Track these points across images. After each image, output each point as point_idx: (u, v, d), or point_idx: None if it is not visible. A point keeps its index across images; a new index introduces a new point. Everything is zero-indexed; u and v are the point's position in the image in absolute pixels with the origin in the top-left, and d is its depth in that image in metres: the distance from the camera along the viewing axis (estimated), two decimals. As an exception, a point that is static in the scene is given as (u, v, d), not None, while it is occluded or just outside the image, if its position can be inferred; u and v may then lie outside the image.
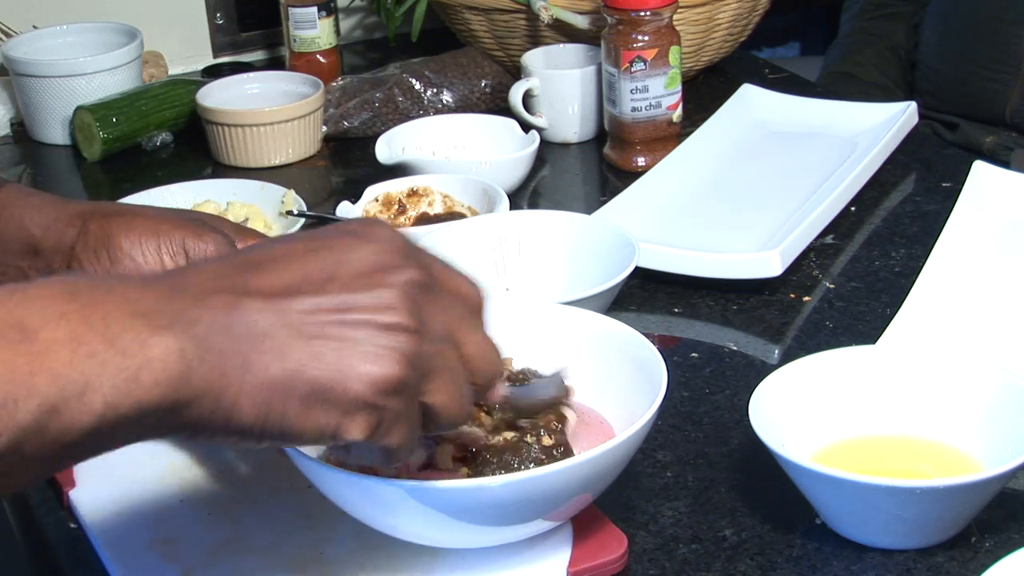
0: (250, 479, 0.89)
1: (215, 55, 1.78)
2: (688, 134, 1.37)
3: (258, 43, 1.80)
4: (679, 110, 1.38)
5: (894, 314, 1.05)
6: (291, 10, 1.61)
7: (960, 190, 1.16)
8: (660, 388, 0.80)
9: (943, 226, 1.13)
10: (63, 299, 0.57)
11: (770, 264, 1.11)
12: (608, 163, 1.41)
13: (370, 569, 0.81)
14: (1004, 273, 1.08)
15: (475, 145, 1.40)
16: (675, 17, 1.35)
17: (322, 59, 1.62)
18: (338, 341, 0.62)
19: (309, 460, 0.75)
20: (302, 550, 0.83)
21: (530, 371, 0.85)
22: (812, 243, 1.18)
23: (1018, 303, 1.04)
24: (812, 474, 0.81)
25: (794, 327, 1.09)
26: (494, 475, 0.76)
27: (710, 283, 1.14)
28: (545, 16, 1.48)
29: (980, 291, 1.06)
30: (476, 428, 0.80)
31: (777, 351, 1.06)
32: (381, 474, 0.75)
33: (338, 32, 1.66)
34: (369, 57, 1.80)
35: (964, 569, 0.81)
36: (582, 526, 0.82)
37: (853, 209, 1.26)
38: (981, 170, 1.17)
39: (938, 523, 0.81)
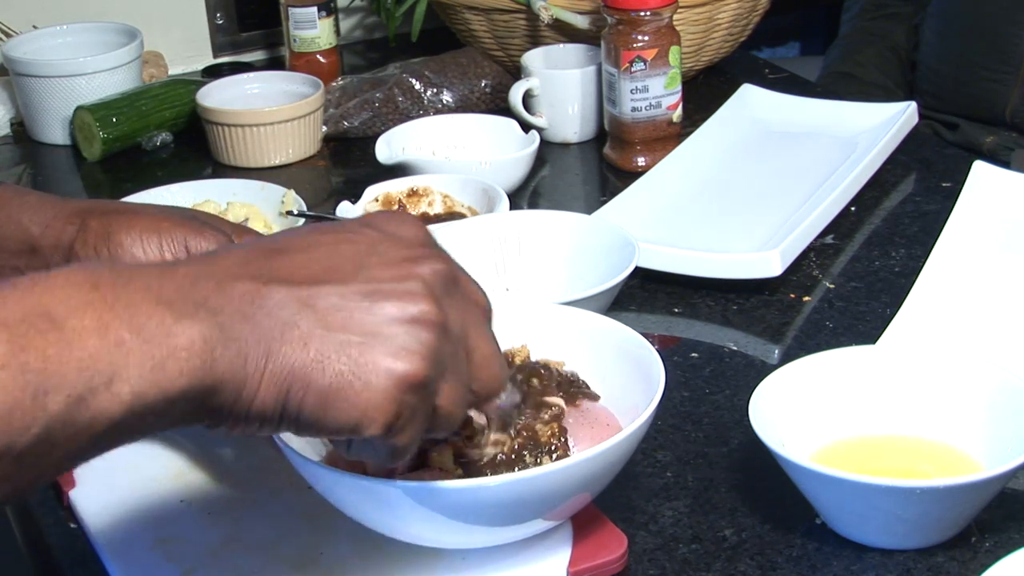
0: (250, 479, 0.89)
1: (215, 55, 1.78)
2: (688, 134, 1.37)
3: (258, 43, 1.80)
4: (679, 110, 1.38)
5: (894, 314, 1.05)
6: (291, 10, 1.61)
7: (960, 190, 1.16)
8: (658, 388, 0.80)
9: (943, 226, 1.13)
10: (87, 287, 0.56)
11: (770, 264, 1.11)
12: (608, 163, 1.41)
13: (370, 569, 0.81)
14: (1004, 273, 1.08)
15: (475, 145, 1.40)
16: (675, 17, 1.35)
17: (322, 59, 1.62)
18: (362, 334, 0.61)
19: (306, 461, 0.75)
20: (302, 550, 0.83)
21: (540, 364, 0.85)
22: (812, 243, 1.18)
23: (1018, 303, 1.04)
24: (812, 474, 0.81)
25: (794, 327, 1.10)
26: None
27: (710, 283, 1.14)
28: (545, 16, 1.48)
29: (980, 291, 1.06)
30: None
31: (777, 351, 1.06)
32: (371, 473, 0.75)
33: (338, 32, 1.66)
34: (369, 57, 1.80)
35: (964, 569, 0.81)
36: (582, 526, 0.82)
37: (853, 209, 1.26)
38: (981, 170, 1.17)
39: (938, 523, 0.81)
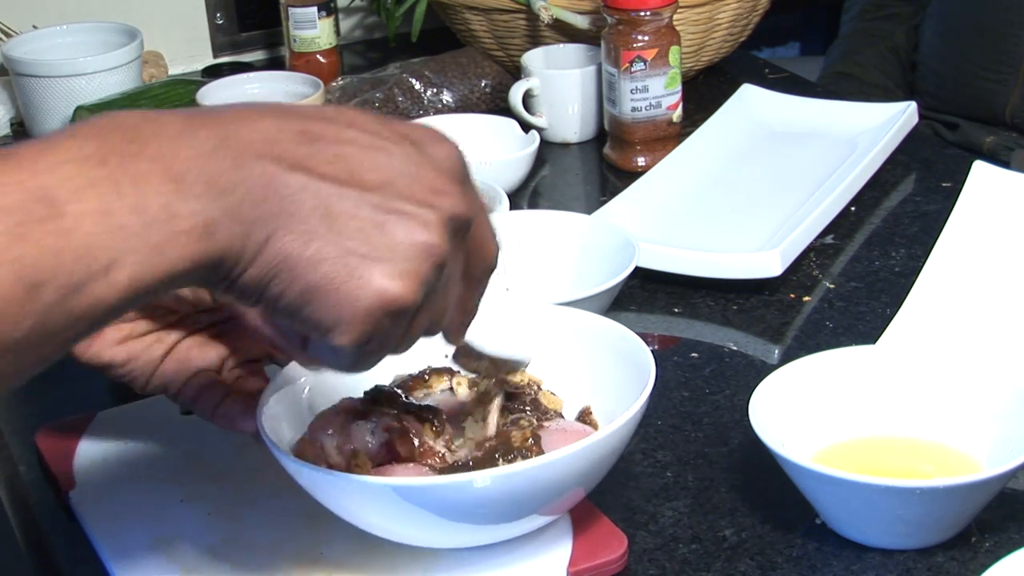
0: (250, 479, 0.89)
1: (215, 55, 1.78)
2: (688, 134, 1.37)
3: (258, 43, 1.80)
4: (679, 110, 1.38)
5: (894, 314, 1.05)
6: (291, 10, 1.61)
7: (960, 190, 1.16)
8: (648, 381, 0.80)
9: (943, 226, 1.13)
10: (94, 163, 0.55)
11: (770, 264, 1.11)
12: (608, 163, 1.41)
13: (370, 569, 0.81)
14: (1004, 273, 1.08)
15: (475, 145, 1.40)
16: (675, 17, 1.35)
17: (322, 59, 1.62)
18: (366, 246, 0.60)
19: (299, 464, 0.75)
20: (302, 550, 0.83)
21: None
22: (812, 243, 1.18)
23: (1018, 303, 1.04)
24: (812, 474, 0.81)
25: (794, 327, 1.09)
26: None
27: (710, 283, 1.14)
28: (545, 16, 1.48)
29: (980, 291, 1.06)
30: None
31: (777, 351, 1.06)
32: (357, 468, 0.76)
33: (338, 32, 1.66)
34: (369, 57, 1.80)
35: (964, 569, 0.81)
36: (582, 526, 0.82)
37: (853, 209, 1.26)
38: (981, 170, 1.17)
39: (938, 523, 0.81)
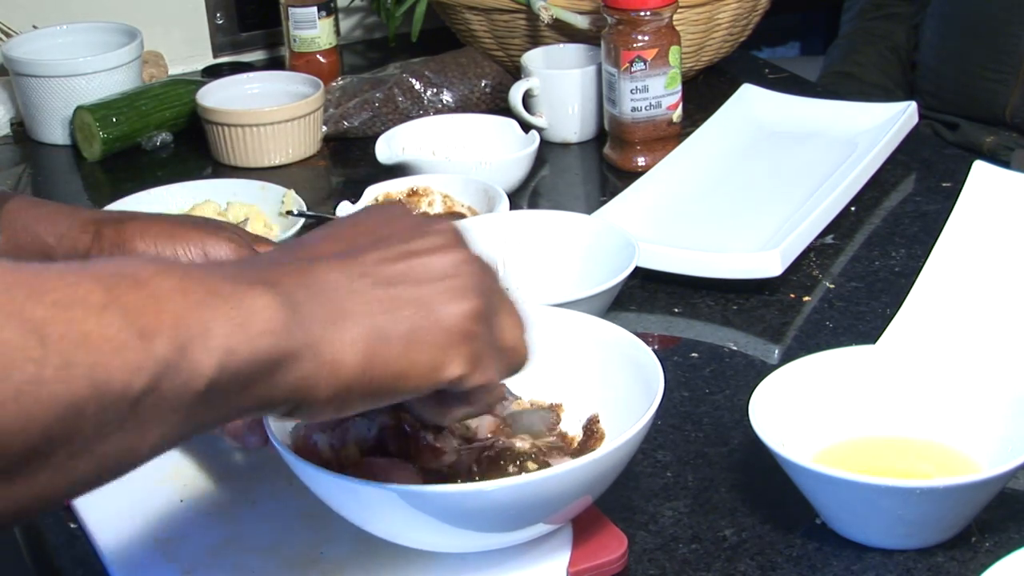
0: (250, 479, 0.89)
1: (215, 55, 1.78)
2: (688, 134, 1.37)
3: (258, 43, 1.80)
4: (679, 110, 1.38)
5: (894, 314, 1.05)
6: (291, 10, 1.61)
7: (960, 190, 1.16)
8: (657, 391, 0.80)
9: (943, 226, 1.13)
10: (157, 263, 0.57)
11: (770, 264, 1.11)
12: (608, 163, 1.41)
13: (370, 569, 0.81)
14: (1004, 273, 1.08)
15: (475, 145, 1.40)
16: (675, 17, 1.35)
17: (322, 59, 1.62)
18: (415, 282, 0.64)
19: (305, 464, 0.75)
20: (302, 550, 0.83)
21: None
22: (812, 243, 1.18)
23: (1018, 303, 1.04)
24: (812, 474, 0.81)
25: (794, 327, 1.10)
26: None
27: (710, 283, 1.14)
28: (545, 16, 1.48)
29: (980, 291, 1.06)
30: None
31: (777, 351, 1.06)
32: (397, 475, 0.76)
33: (338, 32, 1.66)
34: (369, 57, 1.80)
35: (964, 569, 0.81)
36: (582, 526, 0.82)
37: (853, 209, 1.26)
38: (981, 170, 1.17)
39: (938, 523, 0.81)
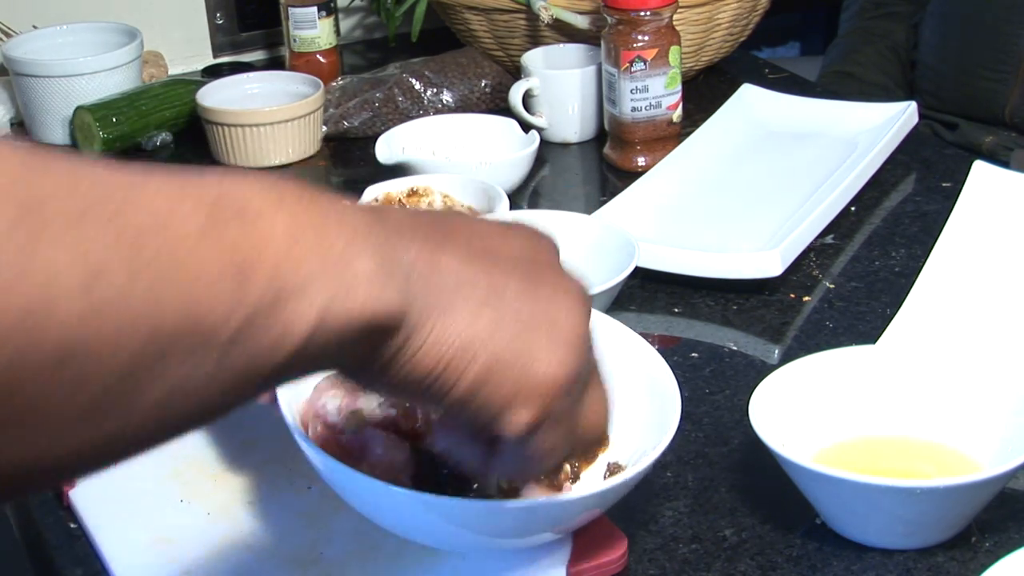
0: (250, 479, 0.89)
1: (215, 55, 1.78)
2: (688, 134, 1.37)
3: (258, 43, 1.80)
4: (679, 110, 1.38)
5: (894, 314, 1.05)
6: (291, 10, 1.61)
7: (960, 190, 1.16)
8: (674, 415, 0.79)
9: (943, 226, 1.13)
10: (274, 195, 0.51)
11: (770, 264, 1.11)
12: (608, 163, 1.41)
13: (370, 569, 0.81)
14: (1004, 273, 1.08)
15: (475, 145, 1.40)
16: (675, 17, 1.35)
17: (322, 59, 1.62)
18: (527, 318, 0.58)
19: (323, 454, 0.74)
20: (302, 550, 0.83)
21: None
22: (812, 243, 1.18)
23: (1018, 303, 1.04)
24: (812, 474, 0.80)
25: (794, 327, 1.09)
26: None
27: (710, 283, 1.14)
28: (545, 16, 1.48)
29: (980, 291, 1.06)
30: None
31: (777, 351, 1.06)
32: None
33: (338, 32, 1.66)
34: (369, 57, 1.80)
35: (964, 569, 0.81)
36: (582, 526, 0.82)
37: (853, 209, 1.26)
38: (981, 170, 1.17)
39: (938, 523, 0.81)
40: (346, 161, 1.48)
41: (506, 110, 1.46)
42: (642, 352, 0.86)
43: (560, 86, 1.45)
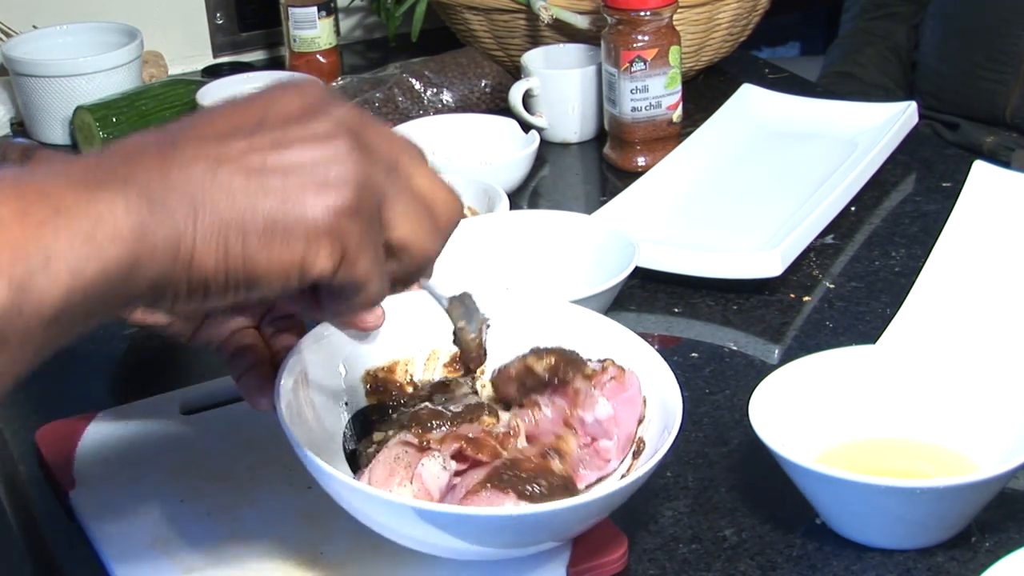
0: (250, 479, 0.89)
1: (215, 55, 1.78)
2: (688, 134, 1.37)
3: (258, 43, 1.80)
4: (679, 110, 1.38)
5: (894, 314, 1.05)
6: (291, 10, 1.61)
7: (960, 190, 1.16)
8: (676, 416, 0.79)
9: (943, 226, 1.13)
10: (5, 181, 0.55)
11: (770, 264, 1.11)
12: (608, 163, 1.41)
13: (370, 569, 0.81)
14: (1004, 273, 1.08)
15: (475, 145, 1.40)
16: (675, 17, 1.35)
17: (322, 59, 1.62)
18: (282, 173, 0.60)
19: (312, 459, 0.75)
20: (302, 550, 0.83)
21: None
22: (812, 243, 1.18)
23: (1018, 303, 1.04)
24: (812, 474, 0.80)
25: (794, 327, 1.09)
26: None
27: (710, 283, 1.14)
28: (545, 16, 1.48)
29: (980, 291, 1.06)
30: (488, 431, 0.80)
31: (777, 351, 1.06)
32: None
33: (338, 32, 1.66)
34: (369, 57, 1.80)
35: (964, 569, 0.81)
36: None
37: (853, 209, 1.26)
38: (981, 170, 1.17)
39: (938, 523, 0.81)
40: (346, 161, 1.48)
41: (506, 110, 1.46)
42: (643, 353, 0.86)
43: (560, 86, 1.45)
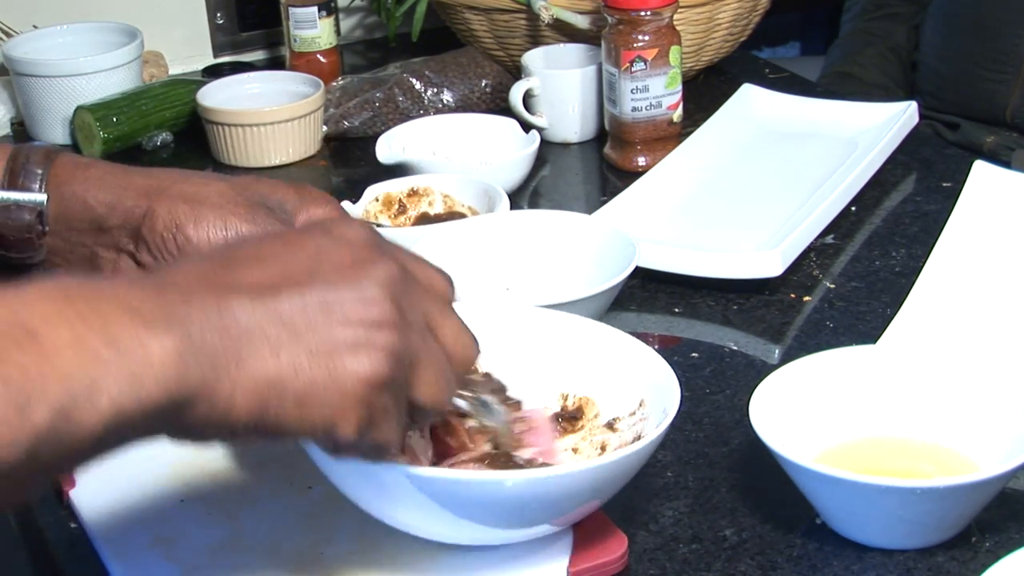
0: (250, 479, 0.89)
1: (215, 55, 1.78)
2: (688, 134, 1.37)
3: (258, 43, 1.80)
4: (679, 110, 1.37)
5: (894, 314, 1.05)
6: (291, 10, 1.61)
7: (960, 190, 1.16)
8: (674, 397, 0.80)
9: (943, 226, 1.13)
10: (60, 299, 0.57)
11: (770, 264, 1.11)
12: (608, 163, 1.41)
13: (370, 569, 0.81)
14: (1004, 273, 1.07)
15: (475, 145, 1.40)
16: (675, 17, 1.35)
17: (322, 59, 1.62)
18: (327, 339, 0.62)
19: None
20: (302, 550, 0.83)
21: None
22: (812, 243, 1.18)
23: (1018, 303, 1.04)
24: (812, 474, 0.80)
25: (794, 327, 1.09)
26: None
27: (710, 283, 1.14)
28: (545, 16, 1.48)
29: (980, 291, 1.06)
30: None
31: (777, 351, 1.06)
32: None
33: (338, 32, 1.66)
34: (369, 57, 1.80)
35: (964, 569, 0.81)
36: (582, 526, 0.82)
37: (853, 209, 1.26)
38: (981, 170, 1.17)
39: (938, 523, 0.81)
40: (346, 161, 1.48)
41: (506, 110, 1.46)
42: (639, 351, 0.86)
43: (560, 86, 1.45)
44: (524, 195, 1.37)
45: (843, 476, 0.79)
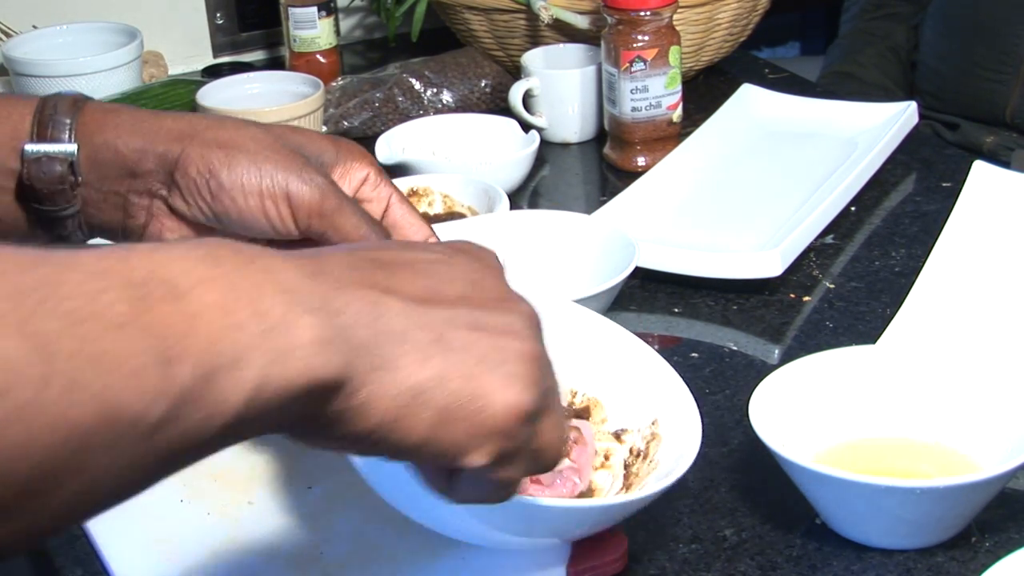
0: (250, 479, 0.89)
1: (215, 55, 1.78)
2: (688, 134, 1.37)
3: (258, 43, 1.80)
4: (679, 110, 1.38)
5: (894, 314, 1.05)
6: (291, 10, 1.61)
7: (960, 190, 1.16)
8: (695, 442, 0.80)
9: (943, 226, 1.13)
10: (209, 262, 0.52)
11: (770, 264, 1.11)
12: (608, 163, 1.41)
13: (370, 569, 0.81)
14: (1004, 273, 1.08)
15: (475, 145, 1.40)
16: (675, 17, 1.35)
17: (322, 59, 1.62)
18: (477, 358, 0.58)
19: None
20: (302, 550, 0.83)
21: None
22: (812, 243, 1.18)
23: (1018, 303, 1.04)
24: (812, 474, 0.80)
25: (794, 327, 1.09)
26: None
27: (710, 283, 1.14)
28: (545, 16, 1.48)
29: (980, 291, 1.06)
30: None
31: (777, 351, 1.06)
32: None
33: (338, 32, 1.66)
34: (369, 57, 1.80)
35: (964, 569, 0.81)
36: (582, 526, 0.82)
37: (853, 209, 1.26)
38: (981, 170, 1.17)
39: (938, 523, 0.81)
40: (346, 161, 1.48)
41: (506, 110, 1.46)
42: (656, 365, 0.87)
43: (560, 86, 1.45)
44: (524, 195, 1.37)
45: (843, 476, 0.79)
